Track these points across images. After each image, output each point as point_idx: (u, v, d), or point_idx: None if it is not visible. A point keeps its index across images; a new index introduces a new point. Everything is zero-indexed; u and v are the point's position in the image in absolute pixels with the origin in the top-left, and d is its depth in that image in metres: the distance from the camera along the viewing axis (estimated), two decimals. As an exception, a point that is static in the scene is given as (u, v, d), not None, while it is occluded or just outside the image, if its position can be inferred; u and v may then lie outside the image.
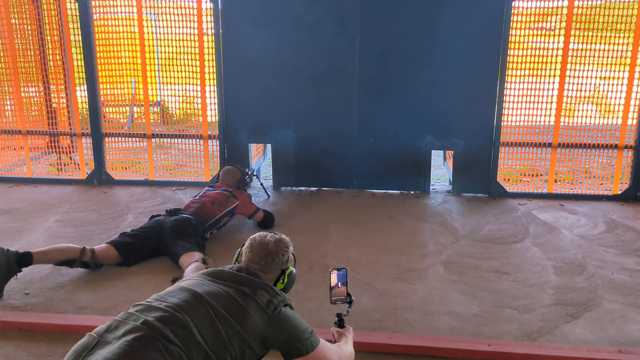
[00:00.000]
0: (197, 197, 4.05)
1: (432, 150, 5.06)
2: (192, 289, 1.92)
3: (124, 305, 2.96)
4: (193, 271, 2.97)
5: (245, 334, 1.86)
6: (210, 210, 3.90)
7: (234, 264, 2.19)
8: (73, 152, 5.62)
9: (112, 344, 1.68)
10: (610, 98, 4.83)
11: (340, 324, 2.25)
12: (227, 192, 4.11)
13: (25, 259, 3.06)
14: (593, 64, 4.72)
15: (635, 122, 4.83)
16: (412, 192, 5.18)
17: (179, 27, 5.01)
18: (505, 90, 4.82)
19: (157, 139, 5.41)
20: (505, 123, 4.92)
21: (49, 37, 5.39)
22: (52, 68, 5.50)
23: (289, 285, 2.17)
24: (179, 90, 5.37)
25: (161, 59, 5.29)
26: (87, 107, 5.23)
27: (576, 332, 2.74)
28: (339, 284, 2.23)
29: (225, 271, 2.05)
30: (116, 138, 5.37)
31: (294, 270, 2.20)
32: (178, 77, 5.17)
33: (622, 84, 4.73)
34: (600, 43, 4.68)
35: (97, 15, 5.12)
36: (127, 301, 3.01)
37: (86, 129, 5.33)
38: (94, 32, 5.08)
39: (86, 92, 5.18)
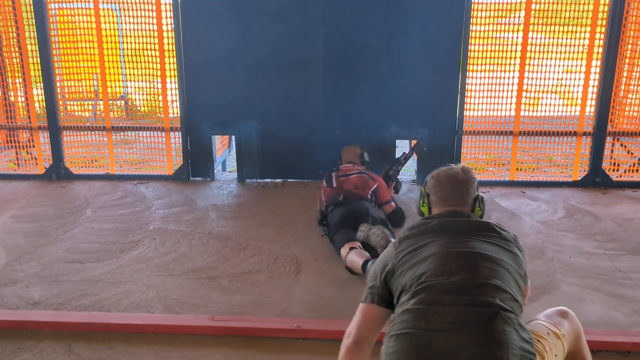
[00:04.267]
0: (333, 186, 4.03)
1: (397, 140, 5.07)
2: (463, 250, 1.81)
3: (80, 300, 2.89)
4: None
5: (521, 271, 1.87)
6: (358, 194, 3.92)
7: (421, 206, 2.10)
8: (32, 146, 5.44)
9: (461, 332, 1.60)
10: (569, 86, 4.92)
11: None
12: (364, 174, 4.08)
13: None
14: (551, 52, 4.80)
15: (592, 109, 4.93)
16: (377, 182, 5.18)
17: (138, 18, 4.89)
18: (467, 79, 4.85)
19: (118, 132, 5.29)
20: (467, 112, 4.97)
21: (3, 29, 5.20)
22: (7, 60, 5.31)
23: (484, 210, 2.08)
24: (142, 83, 5.25)
25: (125, 49, 5.14)
26: (44, 99, 5.07)
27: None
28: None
29: (449, 221, 1.94)
30: (75, 132, 5.22)
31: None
32: (140, 69, 5.05)
33: (580, 72, 4.82)
34: (560, 32, 4.77)
35: (54, 5, 4.97)
36: (82, 295, 2.93)
37: (43, 122, 5.18)
38: (49, 23, 4.93)
39: (42, 84, 5.02)
